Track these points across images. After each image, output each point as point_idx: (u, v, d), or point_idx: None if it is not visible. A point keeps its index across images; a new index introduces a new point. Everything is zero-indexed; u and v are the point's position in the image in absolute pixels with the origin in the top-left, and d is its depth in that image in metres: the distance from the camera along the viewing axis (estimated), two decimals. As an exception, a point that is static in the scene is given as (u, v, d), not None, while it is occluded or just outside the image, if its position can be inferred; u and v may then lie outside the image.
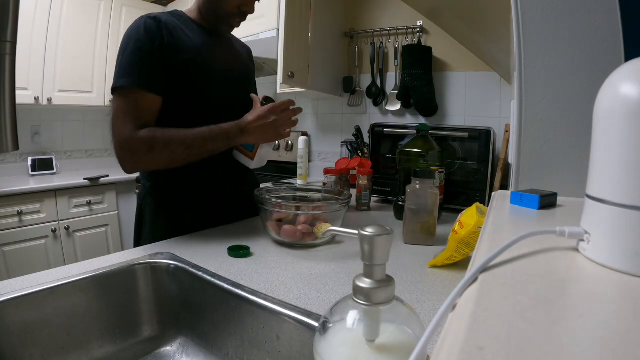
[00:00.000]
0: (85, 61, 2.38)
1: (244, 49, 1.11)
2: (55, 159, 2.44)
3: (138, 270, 0.68)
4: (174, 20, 0.88)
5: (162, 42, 0.83)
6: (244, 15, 0.93)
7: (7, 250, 1.89)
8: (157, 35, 0.82)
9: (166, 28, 0.84)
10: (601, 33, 0.51)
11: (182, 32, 0.88)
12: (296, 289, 0.60)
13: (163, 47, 0.82)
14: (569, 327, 0.18)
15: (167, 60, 0.83)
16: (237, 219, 1.00)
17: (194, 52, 0.87)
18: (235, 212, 1.01)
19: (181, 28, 0.88)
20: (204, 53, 0.90)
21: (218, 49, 0.95)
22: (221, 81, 0.93)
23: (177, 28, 0.87)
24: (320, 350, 0.33)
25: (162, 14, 0.88)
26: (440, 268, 0.69)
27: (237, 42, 1.09)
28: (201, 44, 0.90)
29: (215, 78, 0.92)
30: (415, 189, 0.83)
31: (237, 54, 1.04)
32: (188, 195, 0.93)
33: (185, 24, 0.91)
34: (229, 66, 0.97)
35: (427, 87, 1.71)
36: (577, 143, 0.53)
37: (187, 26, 0.91)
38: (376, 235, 0.31)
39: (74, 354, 0.59)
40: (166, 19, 0.86)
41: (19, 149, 0.50)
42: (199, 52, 0.89)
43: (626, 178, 0.24)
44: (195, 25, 0.93)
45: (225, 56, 0.97)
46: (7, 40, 0.45)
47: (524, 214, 0.41)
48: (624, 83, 0.25)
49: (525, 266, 0.26)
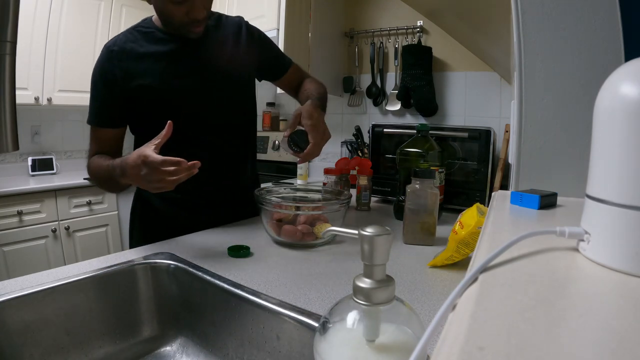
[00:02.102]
0: (85, 61, 2.37)
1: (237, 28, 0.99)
2: (55, 159, 2.44)
3: (138, 270, 0.68)
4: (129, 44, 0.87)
5: (114, 74, 0.85)
6: (196, 21, 0.84)
7: (7, 250, 1.89)
8: (107, 70, 0.86)
9: (117, 58, 0.86)
10: (601, 33, 0.51)
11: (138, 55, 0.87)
12: (296, 289, 0.60)
13: (114, 81, 0.86)
14: (569, 327, 0.18)
15: (122, 91, 0.86)
16: (236, 219, 1.00)
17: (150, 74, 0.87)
18: (233, 210, 1.00)
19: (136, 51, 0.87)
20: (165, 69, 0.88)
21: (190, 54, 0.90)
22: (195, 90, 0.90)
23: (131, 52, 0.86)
24: (320, 350, 0.33)
25: (120, 37, 0.89)
26: (440, 268, 0.69)
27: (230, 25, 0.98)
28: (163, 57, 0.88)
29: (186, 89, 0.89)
30: (415, 189, 0.83)
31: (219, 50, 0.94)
32: (180, 194, 0.92)
33: (148, 37, 0.89)
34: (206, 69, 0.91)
35: (427, 87, 1.71)
36: (577, 143, 0.53)
37: (151, 39, 0.88)
38: (376, 235, 0.31)
39: (74, 354, 0.59)
40: (120, 45, 0.87)
41: (19, 149, 0.50)
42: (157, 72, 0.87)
43: (626, 178, 0.24)
44: (161, 33, 0.89)
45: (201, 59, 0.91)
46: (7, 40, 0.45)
47: (524, 214, 0.41)
48: (624, 83, 0.25)
49: (525, 266, 0.26)
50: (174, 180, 0.70)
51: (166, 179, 0.69)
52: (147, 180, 0.71)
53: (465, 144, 1.26)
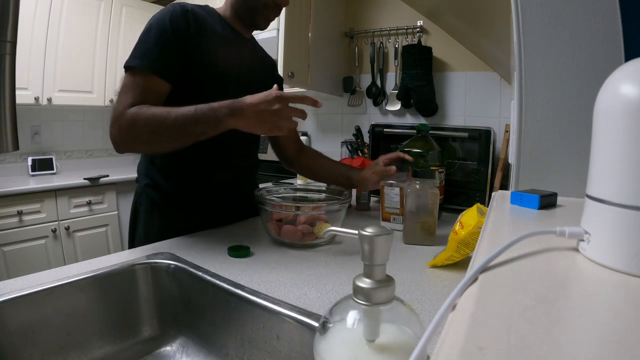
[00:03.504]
0: (85, 61, 2.38)
1: (268, 61, 1.08)
2: (55, 159, 2.44)
3: (138, 270, 0.68)
4: (203, 13, 0.87)
5: (187, 34, 0.81)
6: (278, 8, 0.91)
7: (7, 250, 1.89)
8: (181, 27, 0.81)
9: (194, 18, 0.83)
10: (601, 33, 0.51)
11: (210, 26, 0.87)
12: (296, 289, 0.60)
13: (185, 40, 0.81)
14: (569, 327, 0.18)
15: (187, 53, 0.82)
16: (235, 219, 1.00)
17: (216, 48, 0.86)
18: (233, 213, 1.00)
19: (209, 22, 0.87)
20: (225, 53, 0.88)
21: (242, 53, 0.94)
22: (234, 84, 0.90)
23: (205, 19, 0.86)
24: (320, 350, 0.33)
25: (193, 5, 0.86)
26: (440, 268, 0.69)
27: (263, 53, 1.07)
28: (226, 43, 0.89)
29: (229, 79, 0.90)
30: (415, 189, 0.83)
31: (260, 63, 1.02)
32: (182, 194, 0.92)
33: (214, 20, 0.90)
34: (247, 72, 0.94)
35: (427, 87, 1.71)
36: (577, 143, 0.53)
37: (216, 23, 0.90)
38: (376, 235, 0.31)
39: (74, 354, 0.59)
40: (196, 10, 0.85)
41: (19, 149, 0.50)
42: (221, 51, 0.87)
43: (626, 178, 0.24)
44: (225, 23, 0.92)
45: (247, 62, 0.95)
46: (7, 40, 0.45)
47: (524, 214, 0.41)
48: (624, 83, 0.25)
49: (525, 266, 0.26)
50: (300, 115, 0.75)
51: (294, 115, 0.74)
52: (275, 116, 0.72)
53: (465, 144, 1.26)
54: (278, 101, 0.72)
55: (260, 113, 0.72)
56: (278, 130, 0.74)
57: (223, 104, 0.73)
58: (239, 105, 0.73)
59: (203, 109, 0.73)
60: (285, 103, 0.72)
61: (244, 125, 0.74)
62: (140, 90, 0.78)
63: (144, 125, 0.74)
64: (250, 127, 0.75)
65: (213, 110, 0.73)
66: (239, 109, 0.73)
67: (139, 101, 0.77)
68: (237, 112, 0.73)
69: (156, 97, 0.80)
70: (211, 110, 0.73)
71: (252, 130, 0.75)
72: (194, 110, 0.73)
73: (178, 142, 0.77)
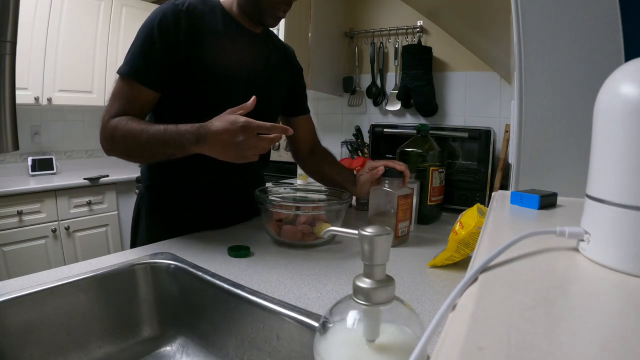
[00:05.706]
0: (85, 61, 2.38)
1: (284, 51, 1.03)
2: (55, 159, 2.44)
3: (138, 271, 0.68)
4: (202, 10, 0.82)
5: (177, 36, 0.78)
6: (289, 4, 0.87)
7: (7, 250, 1.89)
8: (171, 30, 0.78)
9: (187, 18, 0.79)
10: (601, 33, 0.51)
11: (208, 24, 0.83)
12: (296, 289, 0.60)
13: (174, 43, 0.78)
14: (569, 327, 0.18)
15: (177, 57, 0.79)
16: (236, 221, 0.99)
17: (215, 47, 0.82)
18: (234, 215, 0.99)
19: (208, 19, 0.83)
20: (227, 51, 0.84)
21: (247, 49, 0.89)
22: (238, 83, 0.87)
23: (202, 17, 0.82)
24: (320, 350, 0.33)
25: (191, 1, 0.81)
26: (440, 268, 0.69)
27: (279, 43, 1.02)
28: (227, 40, 0.85)
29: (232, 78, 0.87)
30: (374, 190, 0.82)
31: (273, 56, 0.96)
32: (185, 196, 0.92)
33: (216, 16, 0.85)
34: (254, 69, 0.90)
35: (427, 87, 1.71)
36: (577, 143, 0.53)
37: (218, 19, 0.85)
38: (376, 235, 0.31)
39: (74, 354, 0.59)
40: (192, 8, 0.80)
41: (19, 149, 0.50)
42: (221, 49, 0.83)
43: (626, 178, 0.24)
44: (229, 19, 0.87)
45: (254, 58, 0.91)
46: (7, 40, 0.45)
47: (524, 214, 0.41)
48: (624, 83, 0.25)
49: (525, 266, 0.26)
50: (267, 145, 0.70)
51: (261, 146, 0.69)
52: (239, 148, 0.68)
53: (465, 144, 1.26)
54: (243, 132, 0.67)
55: (223, 142, 0.69)
56: (244, 159, 0.71)
57: (189, 129, 0.71)
58: (204, 132, 0.70)
59: (171, 133, 0.72)
60: (251, 134, 0.68)
61: (209, 152, 0.72)
62: (124, 101, 0.79)
63: (120, 141, 0.76)
64: (215, 154, 0.72)
65: (179, 134, 0.72)
66: (202, 136, 0.70)
67: (122, 111, 0.78)
68: (201, 139, 0.70)
69: (140, 107, 0.80)
70: (177, 135, 0.72)
71: (218, 157, 0.72)
72: (162, 132, 0.73)
73: (152, 159, 0.79)
